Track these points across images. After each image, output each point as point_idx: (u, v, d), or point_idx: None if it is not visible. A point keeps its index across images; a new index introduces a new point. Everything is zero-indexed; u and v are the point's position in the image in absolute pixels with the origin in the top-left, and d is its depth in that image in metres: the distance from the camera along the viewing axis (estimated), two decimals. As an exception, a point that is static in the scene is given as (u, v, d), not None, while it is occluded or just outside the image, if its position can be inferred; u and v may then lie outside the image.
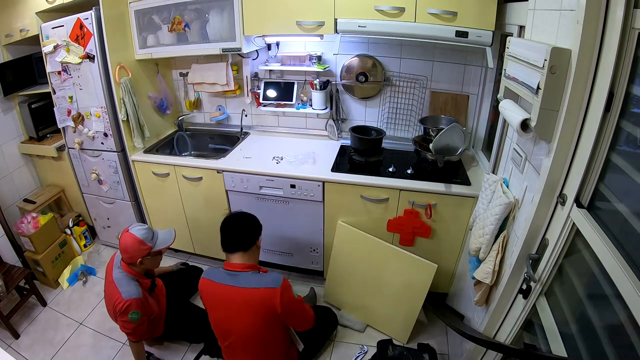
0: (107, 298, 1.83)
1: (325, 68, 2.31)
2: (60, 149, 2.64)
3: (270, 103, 2.48)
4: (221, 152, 2.38)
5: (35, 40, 2.30)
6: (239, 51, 2.12)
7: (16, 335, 2.14)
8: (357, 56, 2.30)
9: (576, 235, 1.09)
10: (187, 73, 2.57)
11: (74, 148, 2.46)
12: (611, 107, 0.95)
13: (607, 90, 0.93)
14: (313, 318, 1.70)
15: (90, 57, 2.13)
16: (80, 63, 2.17)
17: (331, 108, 2.43)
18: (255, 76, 2.51)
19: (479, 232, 1.49)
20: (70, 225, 2.78)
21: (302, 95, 2.47)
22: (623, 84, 0.92)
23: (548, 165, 1.11)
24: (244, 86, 2.50)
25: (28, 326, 2.22)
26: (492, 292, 1.51)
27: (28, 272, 2.27)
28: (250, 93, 2.51)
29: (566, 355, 1.06)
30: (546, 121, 1.08)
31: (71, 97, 2.32)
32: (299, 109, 2.45)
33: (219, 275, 1.59)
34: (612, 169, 0.98)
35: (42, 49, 2.25)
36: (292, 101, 2.43)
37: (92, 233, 2.94)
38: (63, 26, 2.14)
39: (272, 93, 2.46)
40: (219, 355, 1.86)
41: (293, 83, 2.43)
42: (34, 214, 2.50)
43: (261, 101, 2.49)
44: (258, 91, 2.49)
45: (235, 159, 2.26)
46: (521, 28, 1.50)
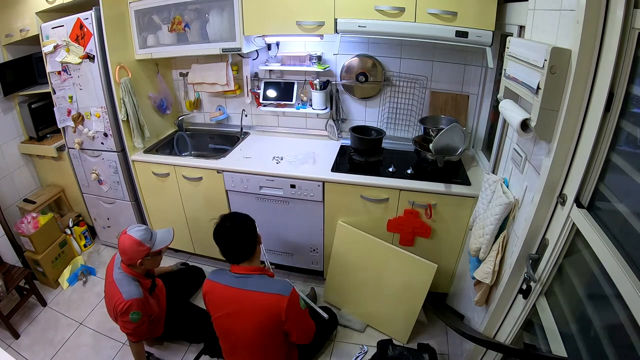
0: (108, 298, 1.83)
1: (325, 68, 2.31)
2: (60, 149, 2.64)
3: (270, 103, 2.48)
4: (221, 152, 2.38)
5: (35, 40, 2.30)
6: (239, 51, 2.12)
7: (16, 335, 2.14)
8: (357, 56, 2.30)
9: (576, 235, 1.09)
10: (187, 73, 2.57)
11: (74, 148, 2.46)
12: (611, 107, 0.95)
13: (607, 90, 0.93)
14: (314, 333, 1.70)
15: (90, 57, 2.13)
16: (80, 63, 2.17)
17: (331, 108, 2.43)
18: (255, 76, 2.51)
19: (479, 232, 1.49)
20: (70, 225, 2.78)
21: (302, 95, 2.47)
22: (623, 84, 0.92)
23: (548, 165, 1.11)
24: (244, 86, 2.50)
25: (28, 326, 2.22)
26: (492, 292, 1.51)
27: (28, 272, 2.27)
28: (250, 93, 2.51)
29: (566, 355, 1.06)
30: (546, 121, 1.08)
31: (71, 97, 2.32)
32: (299, 109, 2.45)
33: (227, 278, 1.59)
34: (612, 169, 0.98)
35: (42, 49, 2.25)
36: (292, 101, 2.43)
37: (92, 233, 2.94)
38: (63, 26, 2.14)
39: (272, 93, 2.46)
40: (219, 355, 1.86)
41: (293, 83, 2.43)
42: (34, 214, 2.50)
43: (261, 101, 2.49)
44: (258, 91, 2.49)
45: (235, 159, 2.26)
46: (521, 28, 1.50)
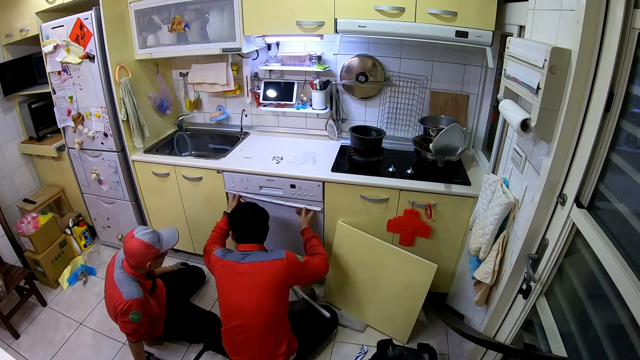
0: (108, 298, 1.83)
1: (325, 68, 2.31)
2: (60, 149, 2.64)
3: (270, 103, 2.48)
4: (221, 152, 2.38)
5: (35, 40, 2.30)
6: (239, 51, 2.12)
7: (16, 335, 2.14)
8: (357, 56, 2.30)
9: (576, 235, 1.09)
10: (187, 73, 2.57)
11: (74, 148, 2.46)
12: (611, 107, 0.95)
13: (607, 90, 0.93)
14: (324, 266, 1.85)
15: (90, 57, 2.13)
16: (80, 63, 2.17)
17: (331, 108, 2.42)
18: (255, 76, 2.51)
19: (479, 232, 1.49)
20: (70, 225, 2.78)
21: (302, 95, 2.47)
22: (623, 84, 0.92)
23: (548, 165, 1.11)
24: (244, 86, 2.50)
25: (28, 326, 2.22)
26: (492, 292, 1.51)
27: (28, 272, 2.27)
28: (250, 93, 2.51)
29: (566, 355, 1.06)
30: (546, 121, 1.08)
31: (71, 97, 2.32)
32: (299, 109, 2.45)
33: (234, 256, 1.76)
34: (612, 169, 0.98)
35: (42, 49, 2.25)
36: (292, 101, 2.43)
37: (92, 233, 2.94)
38: (63, 26, 2.14)
39: (272, 93, 2.45)
40: (220, 351, 1.86)
41: (293, 83, 2.42)
42: (34, 214, 2.49)
43: (261, 101, 2.49)
44: (258, 91, 2.49)
45: (235, 159, 2.26)
46: (521, 28, 1.50)
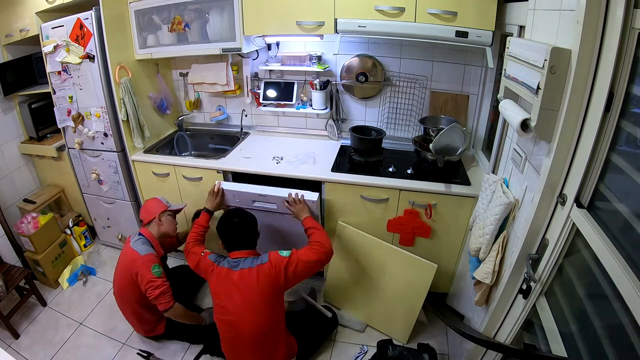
0: (123, 270, 1.92)
1: (325, 68, 2.31)
2: (60, 149, 2.64)
3: (270, 103, 2.48)
4: (221, 152, 2.38)
5: (35, 40, 2.30)
6: (239, 51, 2.12)
7: (16, 335, 2.14)
8: (357, 56, 2.30)
9: (576, 235, 1.09)
10: (187, 73, 2.57)
11: (74, 148, 2.46)
12: (611, 107, 0.95)
13: (607, 90, 0.93)
14: (319, 252, 1.69)
15: (90, 57, 2.13)
16: (80, 63, 2.17)
17: (331, 108, 2.42)
18: (255, 76, 2.51)
19: (479, 232, 1.49)
20: (70, 225, 2.78)
21: (302, 95, 2.47)
22: (623, 84, 0.92)
23: (548, 165, 1.11)
24: (244, 86, 2.50)
25: (28, 326, 2.22)
26: (492, 292, 1.51)
27: (28, 272, 2.27)
28: (250, 93, 2.51)
29: (566, 355, 1.06)
30: (546, 121, 1.08)
31: (71, 97, 2.32)
32: (299, 109, 2.45)
33: (227, 263, 1.71)
34: (612, 169, 0.98)
35: (42, 49, 2.25)
36: (292, 101, 2.43)
37: (92, 233, 2.94)
38: (63, 26, 2.14)
39: (272, 93, 2.45)
40: (220, 354, 1.86)
41: (293, 83, 2.42)
42: (34, 214, 2.49)
43: (261, 101, 2.49)
44: (258, 91, 2.49)
45: (235, 159, 2.26)
46: (521, 28, 1.50)
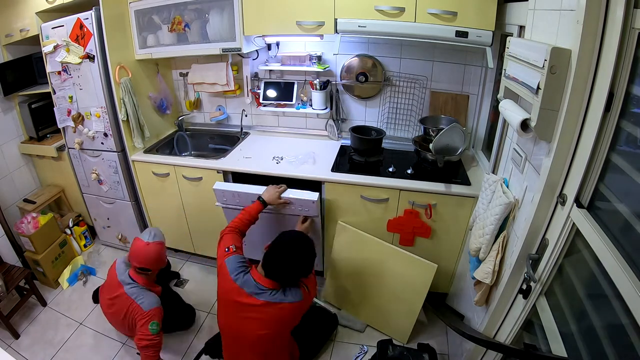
0: (119, 314, 1.79)
1: (325, 68, 2.31)
2: (60, 149, 2.64)
3: (270, 103, 2.48)
4: (221, 152, 2.38)
5: (35, 40, 2.30)
6: (239, 51, 2.12)
7: (16, 335, 2.14)
8: (357, 56, 2.30)
9: (576, 235, 1.09)
10: (187, 73, 2.57)
11: (74, 148, 2.46)
12: (611, 107, 0.95)
13: (607, 90, 0.93)
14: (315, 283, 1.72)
15: (90, 57, 2.13)
16: (80, 63, 2.17)
17: (331, 108, 2.42)
18: (255, 76, 2.51)
19: (479, 232, 1.49)
20: (70, 225, 2.78)
21: (302, 95, 2.47)
22: (623, 84, 0.92)
23: (548, 165, 1.11)
24: (244, 86, 2.50)
25: (28, 326, 2.22)
26: (492, 292, 1.51)
27: (28, 272, 2.27)
28: (250, 93, 2.51)
29: (566, 355, 1.06)
30: (546, 121, 1.08)
31: (71, 97, 2.32)
32: (299, 109, 2.45)
33: (244, 280, 1.52)
34: (612, 169, 0.98)
35: (42, 49, 2.25)
36: (292, 101, 2.43)
37: (92, 233, 2.94)
38: (63, 26, 2.14)
39: (272, 93, 2.45)
40: (219, 355, 1.86)
41: (293, 83, 2.42)
42: (34, 214, 2.49)
43: (261, 101, 2.49)
44: (258, 91, 2.49)
45: (235, 159, 2.26)
46: (521, 28, 1.50)
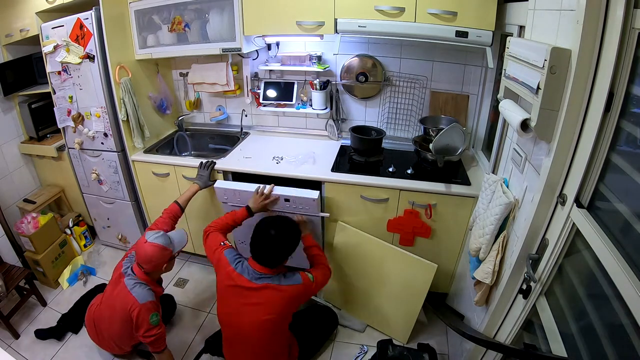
0: (115, 310, 1.72)
1: (325, 68, 2.31)
2: (60, 149, 2.64)
3: (270, 103, 2.48)
4: (221, 152, 2.38)
5: (35, 40, 2.30)
6: (239, 51, 2.12)
7: (16, 335, 2.14)
8: (357, 56, 2.30)
9: (576, 235, 1.09)
10: (187, 73, 2.57)
11: (74, 148, 2.46)
12: (611, 107, 0.95)
13: (607, 90, 0.93)
14: (327, 279, 1.78)
15: (90, 57, 2.13)
16: (80, 63, 2.17)
17: (331, 108, 2.42)
18: (255, 76, 2.51)
19: (479, 232, 1.49)
20: (70, 225, 2.78)
21: (302, 95, 2.47)
22: (623, 84, 0.92)
23: (548, 165, 1.11)
24: (244, 86, 2.50)
25: (28, 326, 2.22)
26: (492, 292, 1.51)
27: (28, 272, 2.27)
28: (250, 93, 2.51)
29: (566, 355, 1.06)
30: (546, 121, 1.08)
31: (71, 97, 2.32)
32: (299, 109, 2.45)
33: (248, 272, 1.61)
34: (612, 169, 0.98)
35: (42, 49, 2.25)
36: (292, 101, 2.43)
37: (92, 233, 2.94)
38: (63, 26, 2.14)
39: (272, 93, 2.45)
40: (220, 353, 1.86)
41: (293, 83, 2.42)
42: (34, 214, 2.49)
43: (261, 101, 2.49)
44: (258, 91, 2.49)
45: (235, 159, 2.26)
46: (521, 28, 1.50)
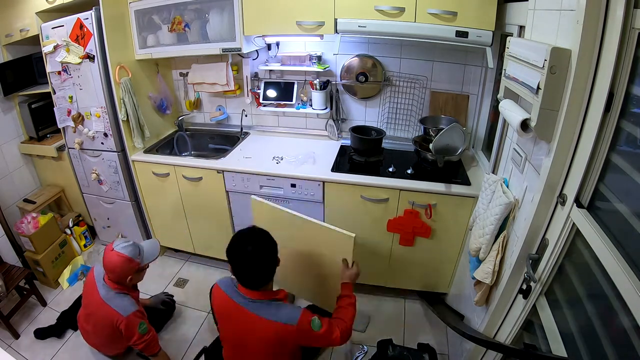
0: (100, 322, 1.68)
1: (325, 68, 2.31)
2: (60, 149, 2.64)
3: (270, 103, 2.48)
4: (221, 152, 2.38)
5: (35, 40, 2.30)
6: (239, 51, 2.12)
7: (16, 335, 2.14)
8: (357, 56, 2.30)
9: (576, 235, 1.09)
10: (187, 73, 2.57)
11: (74, 148, 2.46)
12: (611, 107, 0.95)
13: (607, 90, 0.93)
14: (343, 339, 1.44)
15: (90, 57, 2.13)
16: (80, 63, 2.17)
17: (331, 108, 2.42)
18: (255, 76, 2.51)
19: (479, 232, 1.49)
20: (70, 225, 2.78)
21: (302, 95, 2.47)
22: (623, 84, 0.92)
23: (548, 165, 1.12)
24: (244, 86, 2.50)
25: (28, 326, 2.22)
26: (492, 292, 1.51)
27: (28, 272, 2.27)
28: (250, 93, 2.51)
29: (566, 355, 1.06)
30: (546, 121, 1.08)
31: (71, 97, 2.32)
32: (299, 109, 2.45)
33: (237, 296, 1.43)
34: (612, 169, 0.98)
35: (42, 49, 2.25)
36: (292, 101, 2.43)
37: (92, 233, 2.94)
38: (63, 26, 2.14)
39: (272, 93, 2.45)
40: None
41: (293, 83, 2.43)
42: (34, 214, 2.49)
43: (261, 101, 2.49)
44: (258, 91, 2.49)
45: (235, 159, 2.26)
46: (521, 28, 1.50)
